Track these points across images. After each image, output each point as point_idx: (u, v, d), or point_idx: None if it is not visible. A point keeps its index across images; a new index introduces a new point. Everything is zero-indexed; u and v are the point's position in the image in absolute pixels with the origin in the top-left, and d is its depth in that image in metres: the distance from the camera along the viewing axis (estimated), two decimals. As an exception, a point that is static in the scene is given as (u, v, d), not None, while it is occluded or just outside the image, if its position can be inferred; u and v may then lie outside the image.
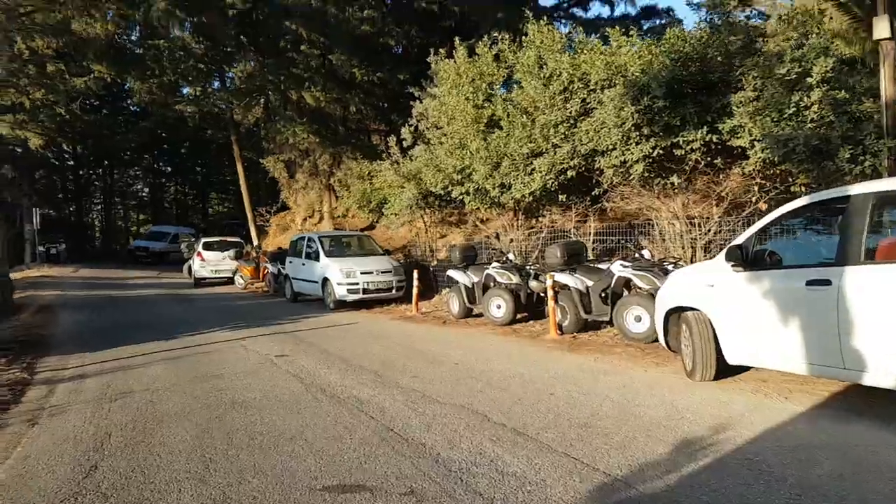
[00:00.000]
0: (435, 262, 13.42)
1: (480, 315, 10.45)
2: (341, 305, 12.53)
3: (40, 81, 20.75)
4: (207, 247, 20.21)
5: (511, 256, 10.12)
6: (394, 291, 12.70)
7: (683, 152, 8.82)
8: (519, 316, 9.71)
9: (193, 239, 23.84)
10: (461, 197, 11.60)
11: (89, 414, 5.42)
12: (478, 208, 12.59)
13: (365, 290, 12.35)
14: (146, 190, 43.23)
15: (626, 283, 8.29)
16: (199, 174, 42.59)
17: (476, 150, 10.52)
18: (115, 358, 7.97)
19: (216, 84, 24.87)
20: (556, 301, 8.55)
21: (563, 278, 8.62)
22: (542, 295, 9.69)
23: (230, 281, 19.43)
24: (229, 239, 21.39)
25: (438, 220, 15.01)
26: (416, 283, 11.56)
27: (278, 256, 16.55)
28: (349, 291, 12.32)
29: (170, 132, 33.04)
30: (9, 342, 8.93)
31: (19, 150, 24.62)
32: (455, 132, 11.21)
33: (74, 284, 19.09)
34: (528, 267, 9.91)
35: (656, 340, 7.51)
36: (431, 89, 12.40)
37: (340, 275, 12.38)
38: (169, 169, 41.69)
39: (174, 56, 19.38)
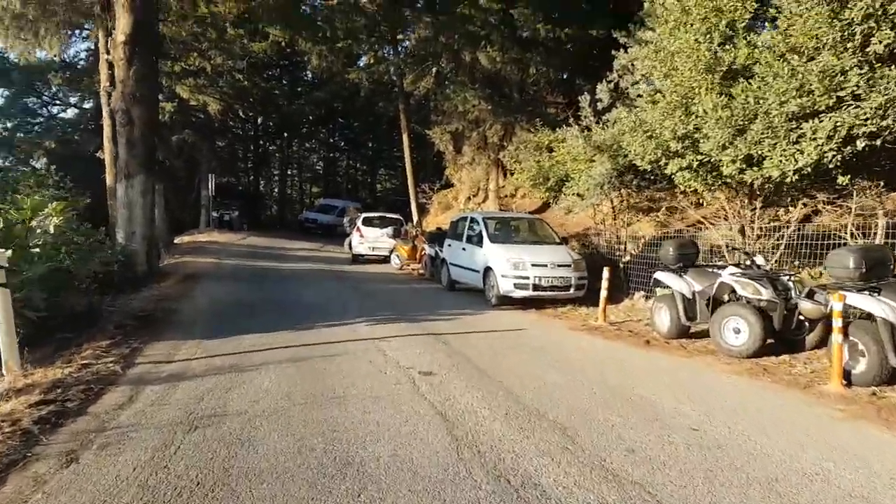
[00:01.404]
0: (627, 258, 10.56)
1: (700, 336, 7.54)
2: (505, 302, 10.25)
3: (220, 45, 21.05)
4: (367, 222, 19.15)
5: (760, 260, 7.00)
6: (572, 290, 10.10)
7: None
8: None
9: (357, 213, 23.17)
10: (676, 174, 8.62)
11: (149, 454, 3.71)
12: (693, 191, 9.52)
13: (536, 287, 9.92)
14: (320, 163, 44.84)
15: None
16: (370, 149, 42.98)
17: (712, 109, 7.49)
18: (230, 352, 6.43)
19: (388, 52, 23.84)
20: (845, 335, 5.43)
21: (864, 302, 5.45)
22: (802, 320, 6.56)
23: (387, 259, 18.18)
24: (389, 215, 20.18)
25: (630, 204, 12.06)
26: (605, 283, 8.87)
27: (437, 237, 14.76)
28: (516, 286, 9.97)
29: (343, 104, 33.21)
30: (130, 317, 7.91)
31: (201, 115, 25.62)
32: (678, 85, 8.24)
33: (235, 252, 19.03)
34: (785, 277, 6.76)
35: None
36: (642, 33, 9.46)
37: (507, 265, 10.07)
38: (342, 143, 42.63)
39: (347, 17, 18.37)
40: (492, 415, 4.57)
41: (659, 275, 7.88)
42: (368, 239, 18.57)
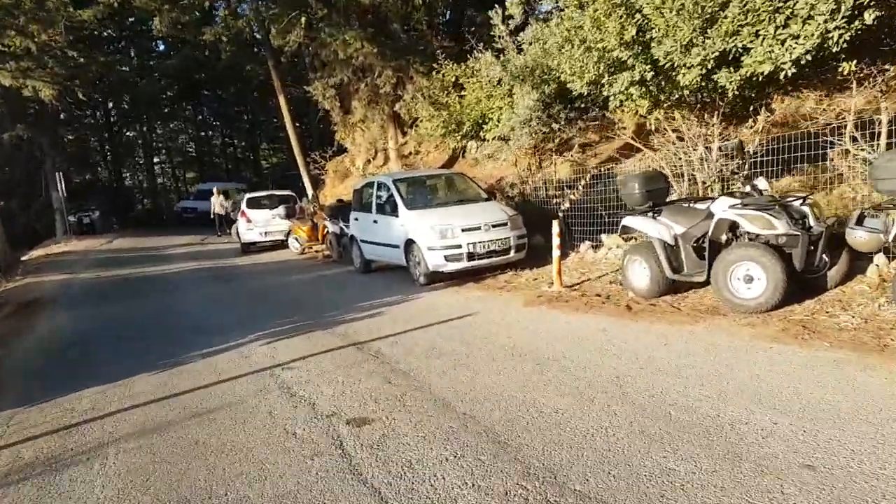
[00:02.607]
0: (566, 205, 8.95)
1: (686, 289, 6.06)
2: (436, 278, 8.39)
3: (39, 16, 17.18)
4: (253, 204, 16.40)
5: (762, 184, 5.48)
6: (512, 253, 8.38)
7: None
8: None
9: (238, 193, 20.23)
10: (627, 90, 6.95)
11: None
12: (630, 113, 8.01)
13: (471, 256, 8.09)
14: (192, 144, 40.13)
15: None
16: (246, 122, 38.79)
17: (670, -2, 5.81)
18: (55, 428, 4.29)
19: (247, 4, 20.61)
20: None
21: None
22: (822, 254, 5.17)
23: (285, 244, 15.69)
24: (278, 193, 17.52)
25: (555, 143, 10.41)
26: (556, 240, 7.17)
27: (340, 211, 12.54)
28: (447, 259, 8.10)
29: (206, 73, 29.26)
30: None
31: (34, 106, 21.46)
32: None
33: (96, 261, 15.72)
34: (796, 202, 5.28)
35: None
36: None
37: (432, 235, 8.15)
38: (213, 119, 38.11)
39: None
40: (486, 502, 2.71)
41: (627, 221, 6.26)
42: (258, 223, 15.94)
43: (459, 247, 8.06)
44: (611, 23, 6.45)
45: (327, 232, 13.20)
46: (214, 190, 21.92)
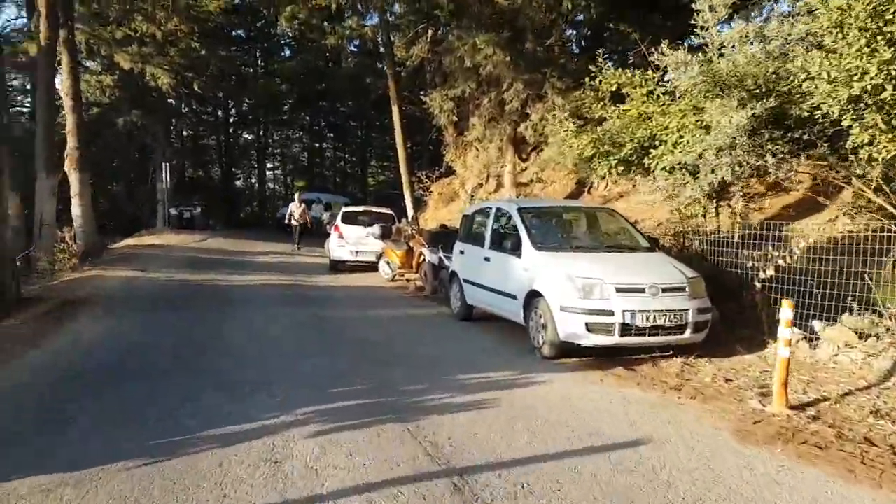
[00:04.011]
0: (770, 272, 6.17)
1: None
2: (564, 352, 5.92)
3: (166, 3, 16.85)
4: (348, 219, 14.68)
5: None
6: (688, 333, 5.73)
7: None
8: None
9: (335, 207, 18.83)
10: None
11: None
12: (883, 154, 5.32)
13: (626, 329, 5.55)
14: (305, 153, 40.21)
15: None
16: (359, 137, 38.28)
17: None
18: None
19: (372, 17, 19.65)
20: None
21: None
22: None
23: (375, 267, 13.79)
24: (376, 209, 15.74)
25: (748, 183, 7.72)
26: (784, 332, 4.48)
27: (440, 238, 10.52)
28: (590, 328, 5.61)
29: (325, 81, 28.85)
30: None
31: (153, 95, 21.44)
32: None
33: (178, 260, 14.48)
34: None
35: None
36: None
37: (570, 289, 5.73)
38: (327, 131, 37.88)
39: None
40: None
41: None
42: (350, 241, 14.17)
43: (611, 314, 5.56)
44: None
45: (423, 260, 11.16)
46: (295, 197, 20.63)
